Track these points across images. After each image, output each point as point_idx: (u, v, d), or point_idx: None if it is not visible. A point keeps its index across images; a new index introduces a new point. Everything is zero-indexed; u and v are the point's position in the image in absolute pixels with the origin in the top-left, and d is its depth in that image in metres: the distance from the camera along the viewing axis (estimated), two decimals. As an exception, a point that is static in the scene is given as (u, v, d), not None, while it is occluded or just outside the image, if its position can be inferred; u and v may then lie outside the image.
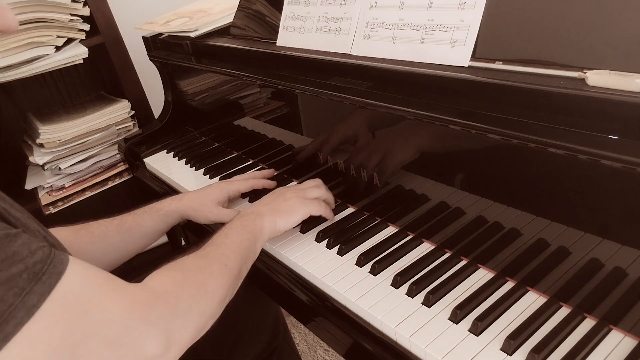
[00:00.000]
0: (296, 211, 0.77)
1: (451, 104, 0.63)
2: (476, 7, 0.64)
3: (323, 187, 0.83)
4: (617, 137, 0.48)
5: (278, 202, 0.78)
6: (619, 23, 0.54)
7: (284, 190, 0.81)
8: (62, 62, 1.22)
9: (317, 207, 0.79)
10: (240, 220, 0.74)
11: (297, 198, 0.78)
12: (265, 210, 0.76)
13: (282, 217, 0.76)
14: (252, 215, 0.74)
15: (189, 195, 0.89)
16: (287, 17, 0.92)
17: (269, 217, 0.74)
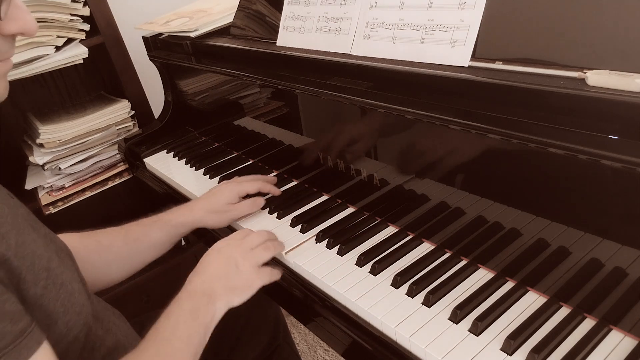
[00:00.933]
0: (253, 285, 0.69)
1: (451, 104, 0.62)
2: (476, 7, 0.64)
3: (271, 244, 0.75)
4: (617, 137, 0.48)
5: (232, 275, 0.69)
6: (619, 23, 0.54)
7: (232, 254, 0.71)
8: (62, 62, 1.22)
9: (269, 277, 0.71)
10: (191, 303, 0.65)
11: (252, 269, 0.70)
12: (219, 289, 0.67)
13: (239, 295, 0.68)
14: (204, 297, 0.65)
15: (199, 204, 0.86)
16: (287, 17, 0.92)
17: (224, 300, 0.66)
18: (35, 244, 0.55)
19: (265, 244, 0.74)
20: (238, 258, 0.70)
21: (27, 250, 0.53)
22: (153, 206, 1.50)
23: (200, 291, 0.66)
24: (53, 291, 0.55)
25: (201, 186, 1.03)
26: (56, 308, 0.55)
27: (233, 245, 0.73)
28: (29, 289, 0.52)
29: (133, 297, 1.45)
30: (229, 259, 0.70)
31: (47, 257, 0.56)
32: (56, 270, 0.56)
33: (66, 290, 0.57)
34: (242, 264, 0.70)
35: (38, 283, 0.53)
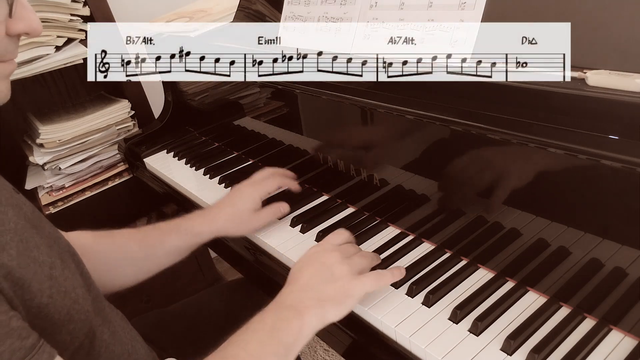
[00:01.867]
0: (353, 294, 0.59)
1: (451, 104, 0.62)
2: (476, 7, 0.64)
3: (367, 253, 0.67)
4: (617, 137, 0.48)
5: (326, 283, 0.59)
6: (619, 23, 0.54)
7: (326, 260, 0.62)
8: (62, 62, 1.22)
9: (375, 281, 0.62)
10: (273, 317, 0.57)
11: (350, 275, 0.60)
12: (310, 300, 0.57)
13: (335, 306, 0.58)
14: (290, 311, 0.57)
15: (222, 213, 0.81)
16: (287, 17, 0.92)
17: (315, 311, 0.57)
18: (39, 249, 0.54)
19: (362, 252, 0.66)
20: (334, 264, 0.61)
21: (29, 259, 0.51)
22: (153, 206, 1.51)
23: (287, 304, 0.58)
24: (58, 300, 0.53)
25: (201, 186, 1.03)
26: (61, 317, 0.53)
27: (328, 250, 0.64)
28: (34, 299, 0.50)
29: (133, 297, 1.45)
30: (323, 266, 0.61)
31: (49, 263, 0.54)
32: (59, 278, 0.54)
33: (70, 298, 0.55)
34: (338, 270, 0.60)
35: (44, 292, 0.51)
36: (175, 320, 0.92)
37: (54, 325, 0.52)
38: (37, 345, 0.45)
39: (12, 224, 0.52)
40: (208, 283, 1.61)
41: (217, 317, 0.92)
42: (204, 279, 1.61)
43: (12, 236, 0.51)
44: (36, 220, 0.59)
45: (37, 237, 0.55)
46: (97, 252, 0.78)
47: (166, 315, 0.94)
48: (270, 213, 0.82)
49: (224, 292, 1.01)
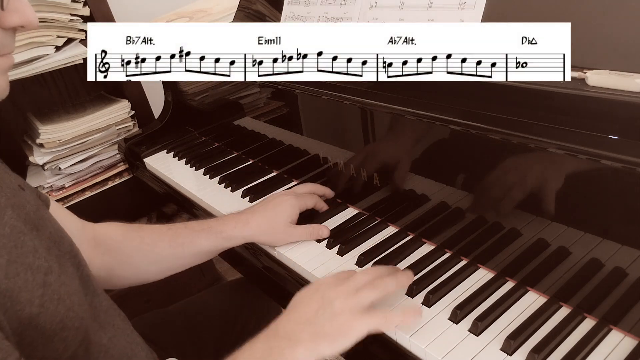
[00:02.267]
0: (350, 333, 0.55)
1: (451, 104, 0.62)
2: (476, 7, 0.64)
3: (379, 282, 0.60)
4: (617, 137, 0.48)
5: (323, 318, 0.56)
6: (619, 23, 0.54)
7: (328, 295, 0.58)
8: (62, 62, 1.22)
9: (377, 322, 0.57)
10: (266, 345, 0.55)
11: (351, 313, 0.56)
12: (304, 333, 0.55)
13: (329, 343, 0.55)
14: (282, 341, 0.55)
15: (255, 218, 0.77)
16: (287, 17, 0.92)
17: (308, 346, 0.54)
18: (35, 254, 0.52)
19: (372, 282, 0.60)
20: (335, 299, 0.57)
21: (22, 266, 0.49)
22: (153, 206, 1.51)
23: (282, 333, 0.56)
24: (51, 308, 0.51)
25: (201, 186, 1.03)
26: (53, 325, 0.51)
27: (333, 285, 0.60)
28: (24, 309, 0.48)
29: (133, 297, 1.45)
30: (324, 300, 0.58)
31: (45, 268, 0.52)
32: (54, 284, 0.53)
33: (65, 305, 0.53)
34: (339, 306, 0.57)
35: (34, 302, 0.49)
36: (175, 320, 0.92)
37: (45, 335, 0.50)
38: None
39: (7, 229, 0.50)
40: (208, 283, 1.61)
41: (217, 317, 0.92)
42: (204, 279, 1.61)
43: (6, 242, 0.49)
44: (38, 221, 0.57)
45: (35, 240, 0.54)
46: (126, 250, 0.77)
47: (166, 315, 0.94)
48: (307, 233, 0.78)
49: (224, 292, 1.01)
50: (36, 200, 0.61)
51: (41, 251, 0.53)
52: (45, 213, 0.62)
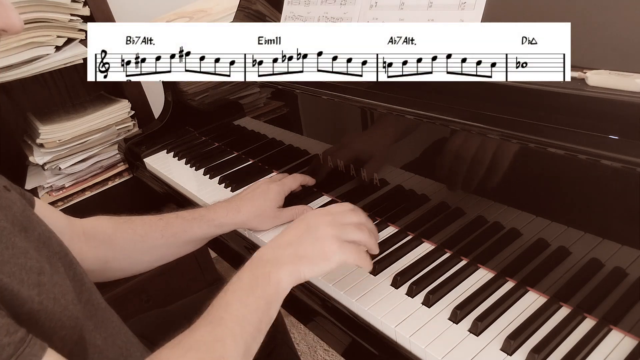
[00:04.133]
0: (330, 258, 0.58)
1: (451, 104, 0.62)
2: (476, 7, 0.64)
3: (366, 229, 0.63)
4: (617, 137, 0.48)
5: (305, 242, 0.59)
6: (619, 23, 0.54)
7: (314, 222, 0.61)
8: (62, 62, 1.22)
9: (355, 255, 0.60)
10: (251, 273, 0.57)
11: (333, 239, 0.59)
12: (286, 256, 0.58)
13: (310, 264, 0.58)
14: (267, 266, 0.58)
15: (245, 206, 0.81)
16: (287, 17, 0.92)
17: (290, 267, 0.57)
18: (26, 255, 0.52)
19: (360, 226, 0.63)
20: (320, 225, 0.60)
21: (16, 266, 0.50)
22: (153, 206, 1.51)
23: (265, 259, 0.59)
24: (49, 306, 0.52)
25: (201, 186, 1.03)
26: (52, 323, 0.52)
27: (321, 214, 0.63)
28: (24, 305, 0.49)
29: (133, 297, 1.45)
30: (310, 226, 0.61)
31: (37, 268, 0.52)
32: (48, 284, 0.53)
33: (60, 304, 0.53)
34: (323, 231, 0.59)
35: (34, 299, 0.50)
36: (175, 321, 0.92)
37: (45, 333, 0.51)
38: (26, 339, 0.44)
39: None
40: (208, 283, 1.62)
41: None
42: (204, 279, 1.61)
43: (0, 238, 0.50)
44: (25, 222, 0.57)
45: (24, 242, 0.54)
46: (119, 242, 0.78)
47: (166, 315, 0.94)
48: (294, 214, 0.82)
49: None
50: (22, 201, 0.61)
51: (31, 252, 0.53)
52: (31, 214, 0.61)
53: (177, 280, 1.54)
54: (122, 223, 0.80)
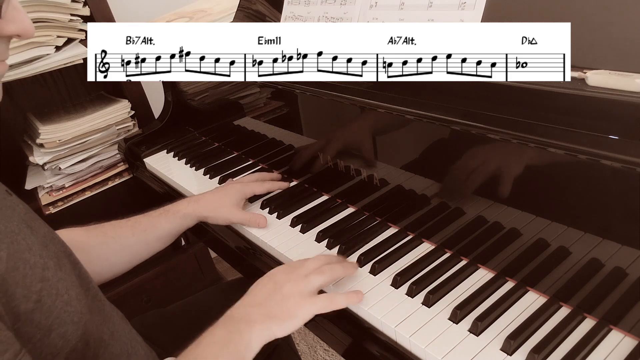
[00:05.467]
0: (297, 315, 0.61)
1: (451, 104, 0.62)
2: (476, 7, 0.64)
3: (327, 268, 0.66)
4: (617, 137, 0.48)
5: (273, 302, 0.62)
6: (619, 23, 0.54)
7: (279, 280, 0.64)
8: (62, 62, 1.22)
9: (322, 305, 0.63)
10: (224, 330, 0.60)
11: (299, 296, 0.62)
12: (256, 315, 0.61)
13: (279, 324, 0.60)
14: (239, 324, 0.60)
15: (205, 198, 0.87)
16: (287, 17, 0.92)
17: (260, 327, 0.60)
18: (31, 251, 0.53)
19: (321, 269, 0.65)
20: (285, 284, 0.63)
21: (19, 262, 0.51)
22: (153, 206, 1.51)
23: (237, 317, 0.62)
24: (48, 303, 0.52)
25: (201, 186, 1.03)
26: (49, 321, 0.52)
27: (284, 272, 0.66)
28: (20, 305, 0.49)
29: (133, 297, 1.45)
30: (275, 285, 0.64)
31: (42, 264, 0.54)
32: (52, 279, 0.54)
33: (62, 300, 0.54)
34: (288, 290, 0.63)
35: (30, 297, 0.51)
36: (175, 320, 0.92)
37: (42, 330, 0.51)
38: None
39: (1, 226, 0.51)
40: (208, 283, 1.62)
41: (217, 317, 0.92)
42: (204, 279, 1.61)
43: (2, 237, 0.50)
44: (30, 221, 0.58)
45: (30, 238, 0.55)
46: (91, 246, 0.80)
47: (166, 315, 0.94)
48: (247, 218, 0.85)
49: (224, 292, 1.01)
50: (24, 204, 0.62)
51: (36, 249, 0.54)
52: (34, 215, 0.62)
53: (177, 280, 1.54)
54: (92, 229, 0.83)
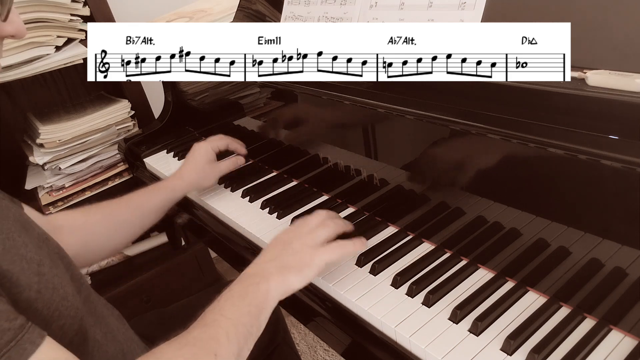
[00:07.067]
0: (312, 264, 0.63)
1: (451, 104, 0.62)
2: (476, 7, 0.64)
3: (330, 222, 0.70)
4: (617, 137, 0.48)
5: (286, 255, 0.65)
6: (619, 23, 0.54)
7: (287, 238, 0.67)
8: (62, 62, 1.22)
9: (334, 251, 0.66)
10: (241, 285, 0.61)
11: (310, 247, 0.65)
12: (272, 268, 0.62)
13: (296, 273, 0.62)
14: (255, 277, 0.62)
15: (185, 168, 0.94)
16: (287, 17, 0.92)
17: (277, 278, 0.61)
18: (26, 247, 0.55)
19: (324, 222, 0.69)
20: (293, 240, 0.66)
21: (16, 256, 0.52)
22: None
23: (252, 273, 0.63)
24: (46, 295, 0.54)
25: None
26: (50, 312, 0.54)
27: (290, 231, 0.69)
28: (22, 293, 0.51)
29: (133, 297, 1.45)
30: (285, 242, 0.67)
31: (37, 260, 0.55)
32: (48, 275, 0.56)
33: (59, 294, 0.56)
34: (297, 244, 0.66)
35: (32, 287, 0.52)
36: (175, 321, 0.92)
37: (43, 321, 0.53)
38: (25, 325, 0.46)
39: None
40: (208, 283, 1.62)
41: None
42: (204, 279, 1.61)
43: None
44: (24, 222, 0.60)
45: (24, 237, 0.56)
46: (87, 222, 0.84)
47: (166, 315, 0.94)
48: (229, 163, 0.96)
49: (224, 292, 1.01)
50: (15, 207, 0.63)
51: (31, 246, 0.56)
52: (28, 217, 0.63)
53: (177, 280, 1.54)
54: (88, 208, 0.87)
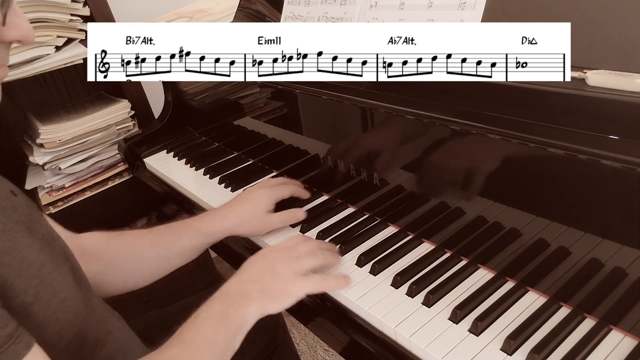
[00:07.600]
0: (292, 293, 0.63)
1: (451, 104, 0.62)
2: (476, 7, 0.64)
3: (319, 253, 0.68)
4: (617, 137, 0.48)
5: (269, 277, 0.64)
6: (619, 23, 0.54)
7: (273, 258, 0.66)
8: (62, 62, 1.22)
9: (317, 286, 0.65)
10: (221, 305, 0.61)
11: (290, 274, 0.64)
12: (254, 292, 0.62)
13: (273, 301, 0.62)
14: (236, 300, 0.62)
15: (234, 212, 0.81)
16: (287, 17, 0.92)
17: (257, 303, 0.61)
18: (28, 249, 0.54)
19: (313, 252, 0.68)
20: (277, 263, 0.65)
21: (15, 258, 0.52)
22: (153, 206, 1.51)
23: (234, 292, 0.63)
24: (44, 299, 0.53)
25: (201, 186, 1.03)
26: (47, 316, 0.53)
27: (277, 251, 0.68)
28: (17, 297, 0.50)
29: (133, 297, 1.44)
30: (268, 264, 0.66)
31: (39, 263, 0.55)
32: (49, 278, 0.55)
33: (58, 297, 0.55)
34: (280, 269, 0.64)
35: (28, 291, 0.51)
36: (175, 321, 0.92)
37: (38, 325, 0.52)
38: (14, 334, 0.46)
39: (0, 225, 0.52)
40: (208, 283, 1.61)
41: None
42: (204, 279, 1.61)
43: None
44: (30, 223, 0.59)
45: (27, 238, 0.55)
46: (109, 252, 0.78)
47: (166, 316, 0.94)
48: (285, 218, 0.81)
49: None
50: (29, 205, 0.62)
51: (33, 248, 0.55)
52: (38, 216, 0.63)
53: (177, 280, 1.54)
54: (114, 237, 0.80)
